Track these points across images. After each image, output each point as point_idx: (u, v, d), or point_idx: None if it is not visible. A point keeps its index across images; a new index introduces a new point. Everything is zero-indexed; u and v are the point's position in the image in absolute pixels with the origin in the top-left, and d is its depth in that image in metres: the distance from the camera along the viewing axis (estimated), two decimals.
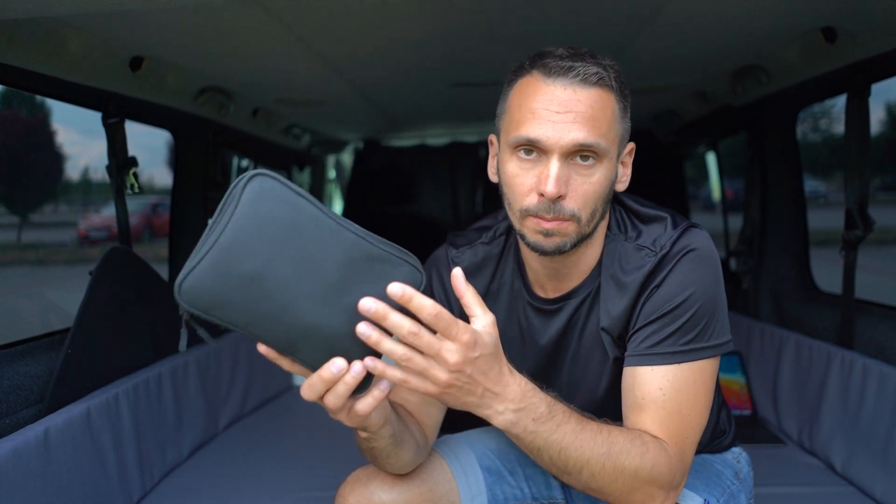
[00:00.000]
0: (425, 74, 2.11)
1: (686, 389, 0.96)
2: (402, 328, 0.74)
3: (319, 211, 0.74)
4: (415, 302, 0.73)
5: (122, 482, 1.58)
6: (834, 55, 1.66)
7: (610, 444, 0.89)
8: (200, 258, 0.73)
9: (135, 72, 1.70)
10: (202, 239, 0.74)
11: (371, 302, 0.73)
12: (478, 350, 0.78)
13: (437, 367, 0.77)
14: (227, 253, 0.73)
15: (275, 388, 2.65)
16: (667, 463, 0.92)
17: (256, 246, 0.73)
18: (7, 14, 1.25)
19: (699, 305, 0.97)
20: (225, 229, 0.73)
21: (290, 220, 0.73)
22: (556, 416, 0.86)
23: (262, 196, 0.73)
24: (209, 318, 0.74)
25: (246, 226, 0.73)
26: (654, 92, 2.40)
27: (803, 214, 2.23)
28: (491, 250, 1.17)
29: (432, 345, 0.75)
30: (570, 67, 0.93)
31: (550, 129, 0.92)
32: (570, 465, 0.88)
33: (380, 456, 0.98)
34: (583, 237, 0.99)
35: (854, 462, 1.64)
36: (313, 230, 0.74)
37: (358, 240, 0.75)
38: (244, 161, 3.23)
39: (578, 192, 0.95)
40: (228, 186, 0.75)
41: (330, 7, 1.38)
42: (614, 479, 0.89)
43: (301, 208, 0.74)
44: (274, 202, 0.73)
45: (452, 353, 0.76)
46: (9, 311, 6.30)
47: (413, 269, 0.77)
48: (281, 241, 0.73)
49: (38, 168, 9.38)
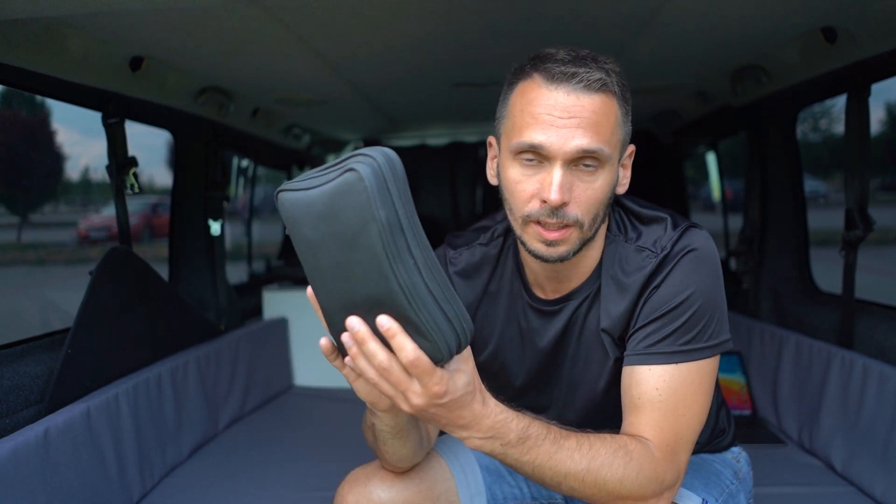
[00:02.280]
0: (425, 74, 2.11)
1: (683, 389, 0.96)
2: (375, 358, 0.75)
3: (381, 245, 0.69)
4: (396, 341, 0.73)
5: (122, 482, 1.58)
6: (834, 55, 1.66)
7: (590, 459, 0.89)
8: (297, 188, 0.74)
9: (135, 72, 1.70)
10: (318, 170, 0.74)
11: (357, 323, 0.74)
12: (447, 398, 0.78)
13: (403, 399, 0.78)
14: (303, 209, 0.73)
15: (275, 388, 2.65)
16: (653, 468, 0.91)
17: (318, 225, 0.73)
18: (7, 14, 1.25)
19: (698, 305, 0.97)
20: (316, 189, 0.72)
21: (352, 231, 0.70)
22: (527, 440, 0.86)
23: (347, 194, 0.69)
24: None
25: (321, 205, 0.72)
26: (654, 92, 2.40)
27: (803, 214, 2.23)
28: (489, 251, 1.17)
29: (400, 384, 0.76)
30: (574, 73, 0.92)
31: (554, 135, 0.92)
32: (547, 481, 0.89)
33: (378, 438, 0.98)
34: (586, 242, 0.99)
35: (854, 462, 1.64)
36: (364, 255, 0.70)
37: (398, 294, 0.71)
38: (244, 161, 3.23)
39: (581, 198, 0.94)
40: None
41: (330, 7, 1.38)
42: (597, 490, 0.89)
43: (367, 230, 0.69)
44: (350, 206, 0.69)
45: (418, 397, 0.77)
46: (9, 312, 6.30)
47: (435, 348, 0.74)
48: (335, 240, 0.72)
49: (38, 168, 9.38)
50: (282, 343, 2.79)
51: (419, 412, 0.79)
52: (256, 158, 3.22)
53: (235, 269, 2.91)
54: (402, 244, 0.70)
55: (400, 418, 0.93)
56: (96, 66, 1.58)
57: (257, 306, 2.87)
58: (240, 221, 3.64)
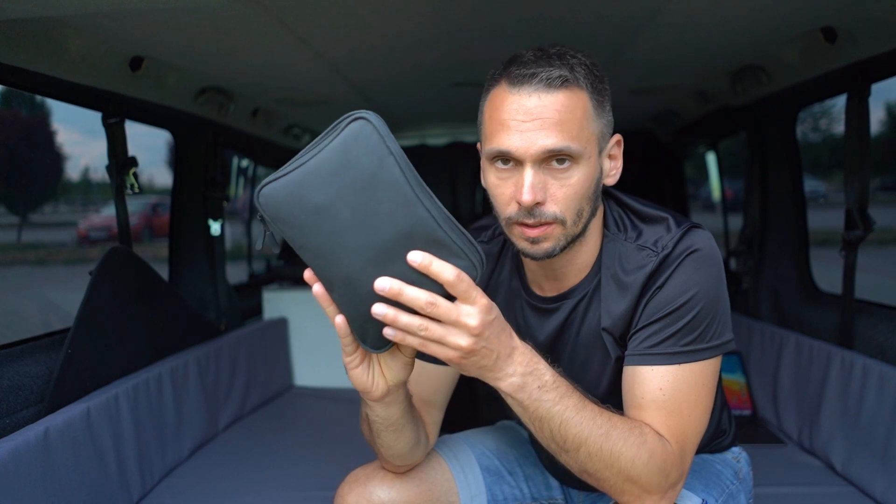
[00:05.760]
0: (425, 74, 2.11)
1: (686, 390, 0.96)
2: (419, 300, 0.75)
3: (402, 175, 0.74)
4: (433, 267, 0.74)
5: (122, 482, 1.58)
6: (834, 55, 1.66)
7: (610, 426, 0.89)
8: (286, 172, 0.76)
9: (135, 72, 1.70)
10: (297, 155, 0.76)
11: (386, 281, 0.74)
12: (494, 312, 0.80)
13: (457, 334, 0.78)
14: (307, 177, 0.75)
15: (275, 388, 2.65)
16: (663, 457, 0.91)
17: (331, 182, 0.74)
18: (7, 14, 1.25)
19: (701, 306, 0.97)
20: (315, 156, 0.75)
21: (369, 172, 0.73)
22: (559, 387, 0.87)
23: (358, 139, 0.74)
24: (274, 229, 0.77)
25: (331, 160, 0.74)
26: (654, 92, 2.40)
27: (803, 214, 2.23)
28: (490, 249, 1.18)
29: (450, 312, 0.76)
30: (533, 74, 0.93)
31: (518, 139, 0.93)
32: (569, 441, 0.88)
33: (373, 431, 0.98)
34: (573, 238, 0.99)
35: (854, 462, 1.64)
36: (387, 190, 0.74)
37: (427, 219, 0.75)
38: (244, 161, 3.23)
39: (558, 195, 0.95)
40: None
41: (330, 7, 1.38)
42: (610, 463, 0.89)
43: (385, 166, 0.74)
44: (364, 149, 0.74)
45: (472, 317, 0.77)
46: (9, 311, 6.30)
47: (470, 265, 0.77)
48: (353, 188, 0.74)
49: (38, 168, 9.38)
50: (282, 343, 2.79)
51: (475, 342, 0.78)
52: (256, 158, 3.22)
53: (235, 269, 2.91)
54: (415, 175, 0.75)
55: (392, 410, 0.93)
56: (96, 66, 1.58)
57: (257, 306, 2.87)
58: (240, 221, 3.64)
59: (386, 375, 0.87)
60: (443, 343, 0.78)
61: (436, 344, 0.78)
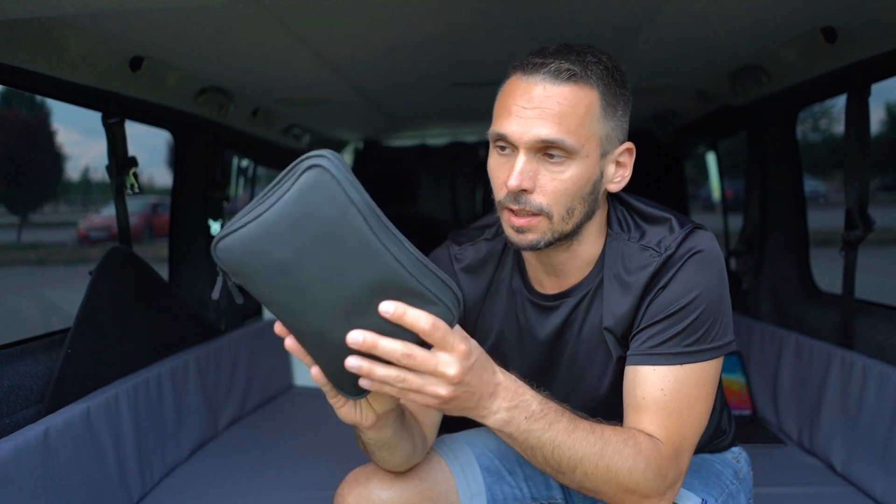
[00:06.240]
0: (425, 74, 2.11)
1: (687, 390, 0.96)
2: (395, 353, 0.73)
3: (366, 224, 0.69)
4: (407, 317, 0.72)
5: (122, 482, 1.58)
6: (834, 55, 1.66)
7: (604, 443, 0.89)
8: (242, 225, 0.71)
9: (135, 72, 1.70)
10: (254, 202, 0.71)
11: (359, 335, 0.72)
12: (473, 356, 0.78)
13: (436, 383, 0.76)
14: (265, 233, 0.70)
15: (275, 388, 2.65)
16: (659, 463, 0.91)
17: (291, 237, 0.70)
18: (7, 14, 1.25)
19: (704, 307, 0.97)
20: (271, 207, 0.70)
21: (331, 225, 0.69)
22: (548, 414, 0.86)
23: (316, 189, 0.69)
24: (236, 281, 0.74)
25: (289, 213, 0.70)
26: (654, 92, 2.40)
27: (803, 214, 2.23)
28: (494, 247, 1.18)
29: (427, 362, 0.74)
30: (544, 64, 0.93)
31: (516, 124, 0.93)
32: (564, 465, 0.88)
33: (368, 449, 0.99)
34: (561, 235, 0.98)
35: (854, 462, 1.64)
36: (352, 242, 0.69)
37: (396, 268, 0.71)
38: (244, 161, 3.23)
39: (547, 187, 0.95)
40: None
41: (330, 7, 1.38)
42: (608, 479, 0.89)
43: (346, 216, 0.69)
44: (322, 199, 0.69)
45: (451, 366, 0.75)
46: (9, 311, 6.29)
47: (445, 310, 0.74)
48: (315, 243, 0.70)
49: (38, 168, 9.37)
50: (281, 343, 2.78)
51: (455, 390, 0.77)
52: (256, 158, 3.22)
53: None
54: (380, 221, 0.71)
55: (384, 433, 0.93)
56: (96, 66, 1.58)
57: (257, 306, 2.87)
58: None
59: (374, 406, 0.86)
60: (421, 392, 0.76)
61: (414, 393, 0.76)
